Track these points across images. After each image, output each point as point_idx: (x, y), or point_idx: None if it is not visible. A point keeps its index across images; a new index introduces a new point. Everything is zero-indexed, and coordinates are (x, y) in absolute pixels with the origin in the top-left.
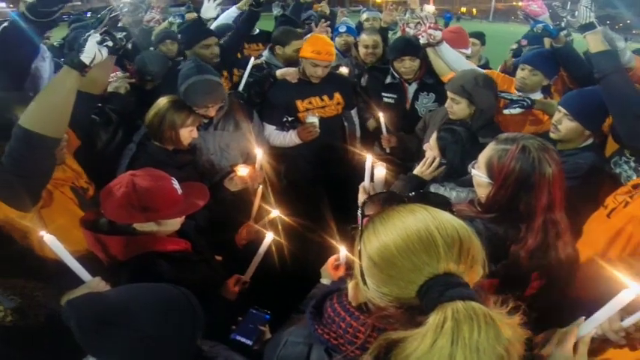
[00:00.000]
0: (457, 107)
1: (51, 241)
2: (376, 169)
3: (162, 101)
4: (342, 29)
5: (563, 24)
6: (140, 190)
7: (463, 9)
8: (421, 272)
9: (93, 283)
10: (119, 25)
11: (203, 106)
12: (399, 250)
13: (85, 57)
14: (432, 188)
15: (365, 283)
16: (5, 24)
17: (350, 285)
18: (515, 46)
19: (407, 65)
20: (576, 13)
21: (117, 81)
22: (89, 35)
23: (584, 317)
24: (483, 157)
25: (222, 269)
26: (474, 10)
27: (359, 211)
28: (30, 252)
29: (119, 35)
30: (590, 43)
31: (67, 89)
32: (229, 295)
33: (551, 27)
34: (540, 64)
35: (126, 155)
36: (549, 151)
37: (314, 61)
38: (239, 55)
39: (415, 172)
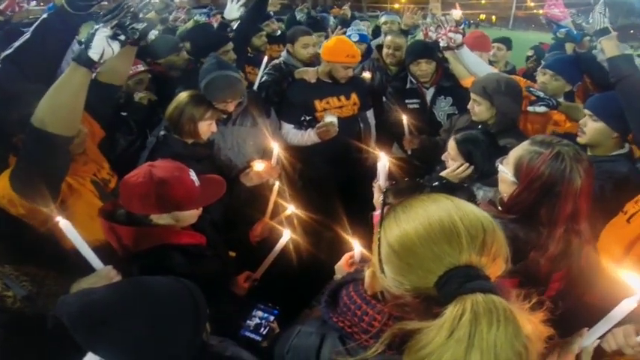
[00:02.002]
0: (478, 109)
1: (65, 227)
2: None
3: (183, 95)
4: (355, 38)
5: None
6: (157, 181)
7: (482, 16)
8: (441, 262)
9: (104, 272)
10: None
11: (222, 101)
12: (420, 238)
13: (93, 53)
14: None
15: (383, 270)
16: (44, 16)
17: (367, 273)
18: (531, 53)
19: (423, 68)
20: (590, 19)
21: (138, 96)
22: (97, 30)
23: (587, 328)
24: (514, 155)
25: (235, 265)
26: (494, 18)
27: (381, 198)
28: (47, 241)
29: (137, 26)
30: (605, 48)
31: (75, 86)
32: (239, 291)
33: (575, 32)
34: (562, 69)
35: (146, 148)
36: (583, 161)
37: (347, 65)
38: (250, 52)
39: (443, 173)
